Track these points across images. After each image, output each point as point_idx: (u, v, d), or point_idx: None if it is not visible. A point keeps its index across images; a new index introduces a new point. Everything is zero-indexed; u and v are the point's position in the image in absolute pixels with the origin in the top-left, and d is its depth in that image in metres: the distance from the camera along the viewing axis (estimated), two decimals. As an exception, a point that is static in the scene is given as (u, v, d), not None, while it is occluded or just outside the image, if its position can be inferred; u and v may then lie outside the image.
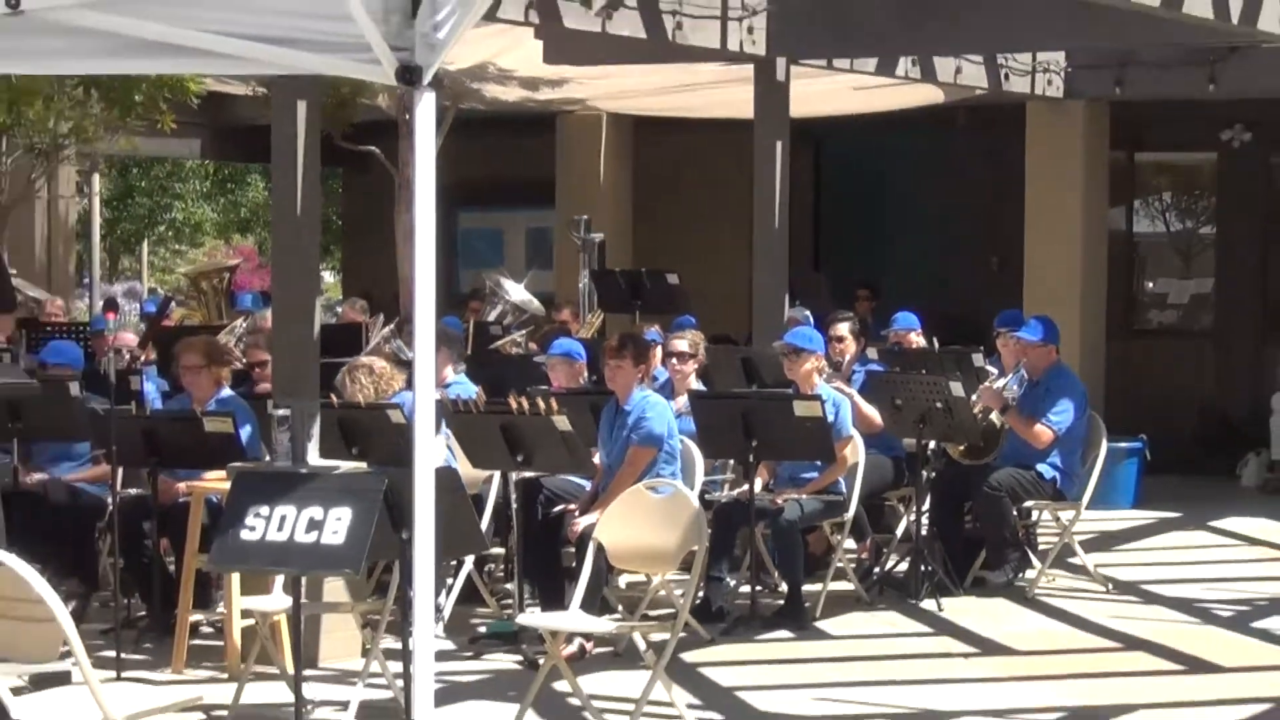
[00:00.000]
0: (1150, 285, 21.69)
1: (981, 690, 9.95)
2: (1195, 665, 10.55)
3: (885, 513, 13.39)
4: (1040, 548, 13.29)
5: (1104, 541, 14.32)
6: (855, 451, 11.95)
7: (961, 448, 12.89)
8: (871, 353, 14.74)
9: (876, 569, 13.01)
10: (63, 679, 7.38)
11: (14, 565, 7.01)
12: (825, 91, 18.07)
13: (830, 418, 11.58)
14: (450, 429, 10.93)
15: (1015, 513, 12.76)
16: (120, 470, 10.99)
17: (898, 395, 12.60)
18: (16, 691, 7.23)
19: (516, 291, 18.61)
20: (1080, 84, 19.19)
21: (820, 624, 11.58)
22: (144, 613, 11.23)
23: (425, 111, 4.98)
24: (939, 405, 12.39)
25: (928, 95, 18.85)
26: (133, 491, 11.28)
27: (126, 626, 10.80)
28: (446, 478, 7.37)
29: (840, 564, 12.23)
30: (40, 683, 7.58)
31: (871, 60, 17.01)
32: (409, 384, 9.87)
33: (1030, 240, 19.82)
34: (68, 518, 11.42)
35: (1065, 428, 12.68)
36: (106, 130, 21.19)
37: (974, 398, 12.85)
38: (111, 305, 15.19)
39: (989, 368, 13.94)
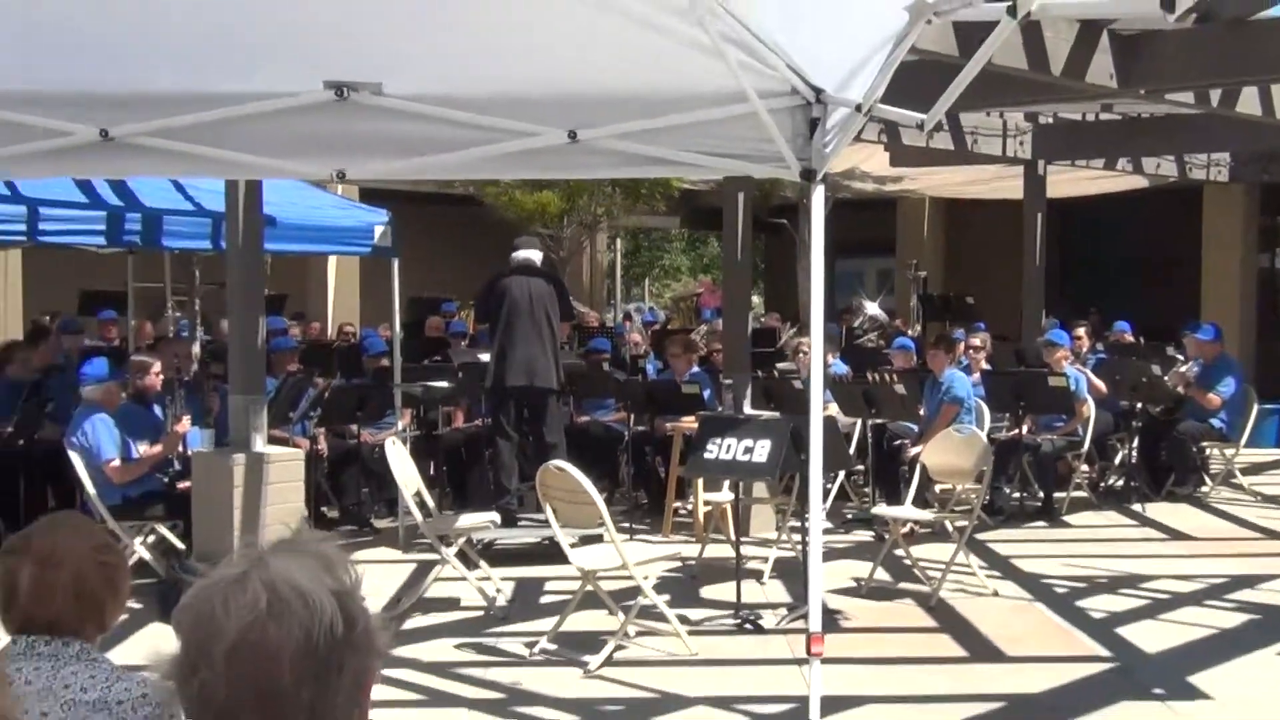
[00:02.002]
0: (1287, 304, 20.69)
1: (1171, 563, 9.52)
2: (1318, 550, 9.99)
3: (1108, 449, 12.90)
4: (1211, 472, 12.69)
5: (1254, 469, 13.56)
6: (1089, 409, 11.60)
7: (1159, 408, 12.47)
8: (1099, 346, 14.50)
9: (1102, 484, 12.57)
10: (598, 539, 7.56)
11: (571, 470, 7.23)
12: (1070, 180, 17.66)
13: (1072, 387, 11.34)
14: (831, 393, 10.90)
15: (1195, 450, 12.28)
16: (632, 415, 11.22)
17: (1117, 373, 12.28)
18: (573, 545, 7.44)
19: (872, 308, 18.55)
20: (1240, 172, 18.32)
21: (1065, 519, 11.22)
22: (645, 501, 11.44)
23: (817, 198, 4.97)
24: (1144, 380, 12.05)
25: (1136, 182, 18.34)
26: (640, 429, 11.51)
27: (635, 508, 11.04)
28: (829, 422, 7.36)
29: (1078, 480, 11.90)
30: (585, 541, 7.78)
31: (1100, 160, 16.59)
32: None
33: (1205, 275, 19.20)
34: (602, 443, 11.65)
35: (1228, 396, 12.16)
36: (624, 211, 21.66)
37: (1167, 376, 12.47)
38: (627, 317, 15.54)
39: (1177, 356, 13.47)
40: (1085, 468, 12.31)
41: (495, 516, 9.07)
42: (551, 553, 8.24)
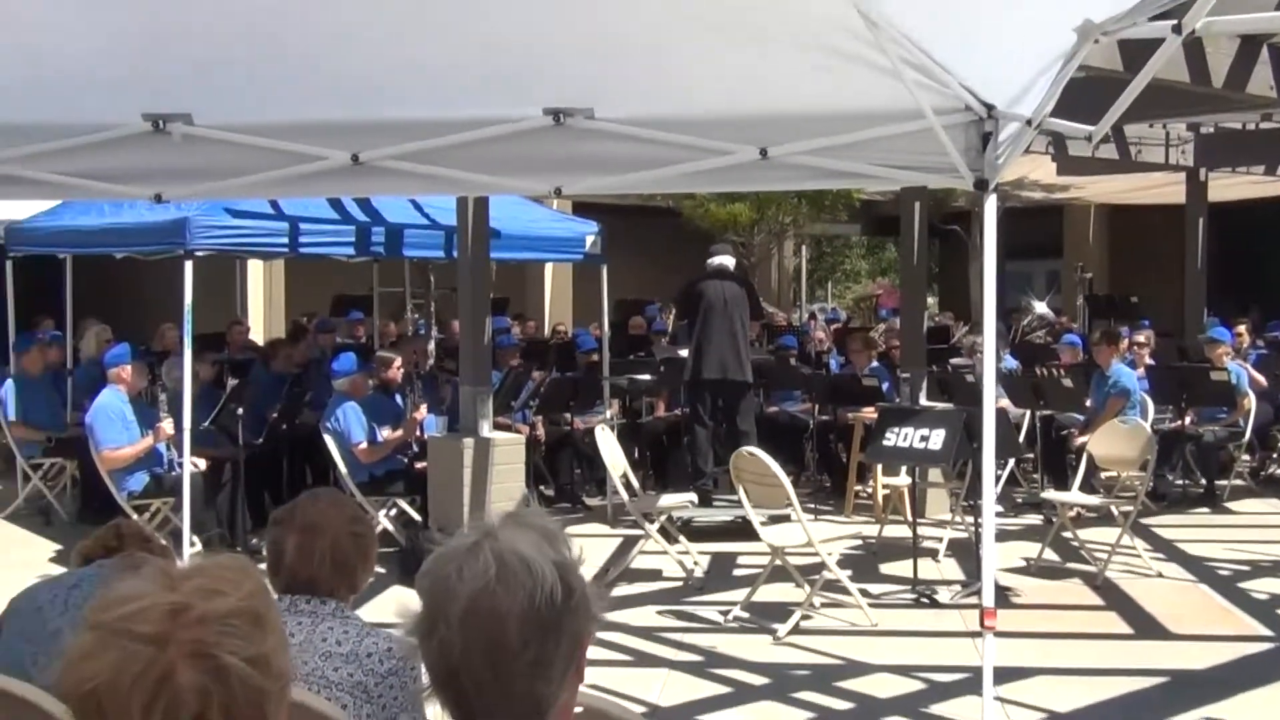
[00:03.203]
0: None
1: (1331, 547, 9.07)
2: None
3: (1269, 439, 12.31)
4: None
5: None
6: (1250, 402, 11.09)
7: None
8: (1260, 342, 13.88)
9: (1262, 472, 11.96)
10: (786, 519, 7.52)
11: (761, 455, 7.20)
12: (1230, 185, 16.96)
13: (1234, 381, 10.85)
14: (1002, 386, 10.61)
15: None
16: (817, 406, 11.09)
17: (1276, 369, 11.76)
18: (763, 524, 7.42)
19: (1040, 307, 18.05)
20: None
21: (1227, 505, 10.73)
22: (829, 484, 11.27)
23: (990, 207, 4.85)
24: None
25: (1296, 187, 17.57)
26: (824, 418, 11.36)
27: (820, 491, 10.93)
28: (999, 413, 7.17)
29: (1239, 468, 11.41)
30: (774, 520, 7.75)
31: (1260, 167, 15.89)
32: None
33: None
34: (790, 431, 11.48)
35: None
36: (809, 220, 21.49)
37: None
38: (812, 317, 15.42)
39: (1339, 352, 12.86)
40: (1246, 457, 11.75)
41: (693, 496, 9.11)
42: (744, 530, 8.21)
